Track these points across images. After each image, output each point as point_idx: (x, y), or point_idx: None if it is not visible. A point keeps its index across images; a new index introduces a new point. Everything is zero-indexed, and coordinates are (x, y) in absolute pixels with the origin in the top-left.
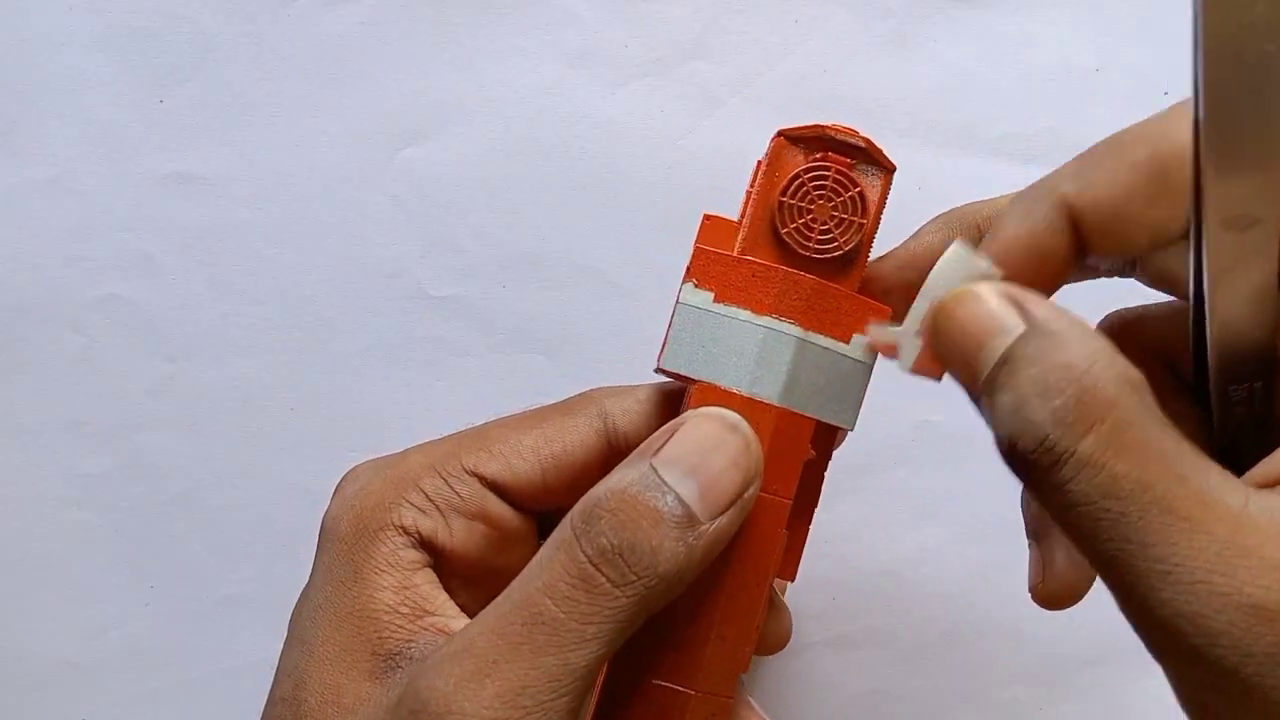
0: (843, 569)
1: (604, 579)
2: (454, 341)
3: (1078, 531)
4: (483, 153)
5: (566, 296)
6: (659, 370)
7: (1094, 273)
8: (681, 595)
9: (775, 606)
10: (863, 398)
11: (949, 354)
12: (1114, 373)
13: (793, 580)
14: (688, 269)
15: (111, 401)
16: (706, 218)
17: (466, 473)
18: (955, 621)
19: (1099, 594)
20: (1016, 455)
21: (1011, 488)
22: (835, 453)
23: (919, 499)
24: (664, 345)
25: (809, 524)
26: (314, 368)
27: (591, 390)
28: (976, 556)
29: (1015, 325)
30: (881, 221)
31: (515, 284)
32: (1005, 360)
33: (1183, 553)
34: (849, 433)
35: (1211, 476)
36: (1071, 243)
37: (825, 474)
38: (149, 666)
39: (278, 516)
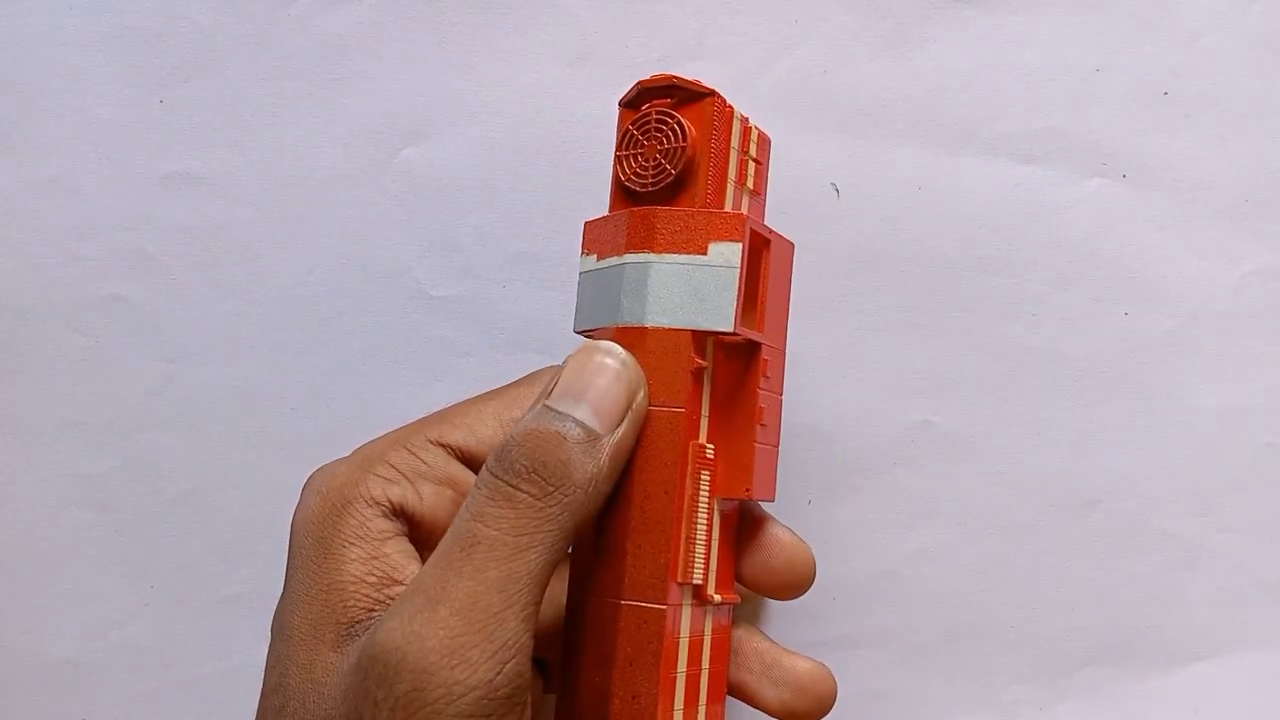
0: (843, 569)
1: (525, 494)
2: (454, 341)
3: None
4: (483, 153)
5: (566, 296)
6: (575, 332)
7: None
8: (602, 513)
9: (778, 539)
10: (733, 299)
11: None
12: None
13: (750, 495)
14: (581, 243)
15: (111, 401)
16: None
17: (431, 443)
18: (955, 621)
19: (1097, 594)
20: None
21: (1009, 488)
22: (835, 450)
23: (919, 499)
24: (575, 311)
25: (752, 438)
26: (314, 368)
27: (546, 367)
28: (976, 556)
29: None
30: (750, 143)
31: (515, 284)
32: None
33: None
34: (777, 350)
35: None
36: None
37: (760, 389)
38: (149, 666)
39: (278, 516)
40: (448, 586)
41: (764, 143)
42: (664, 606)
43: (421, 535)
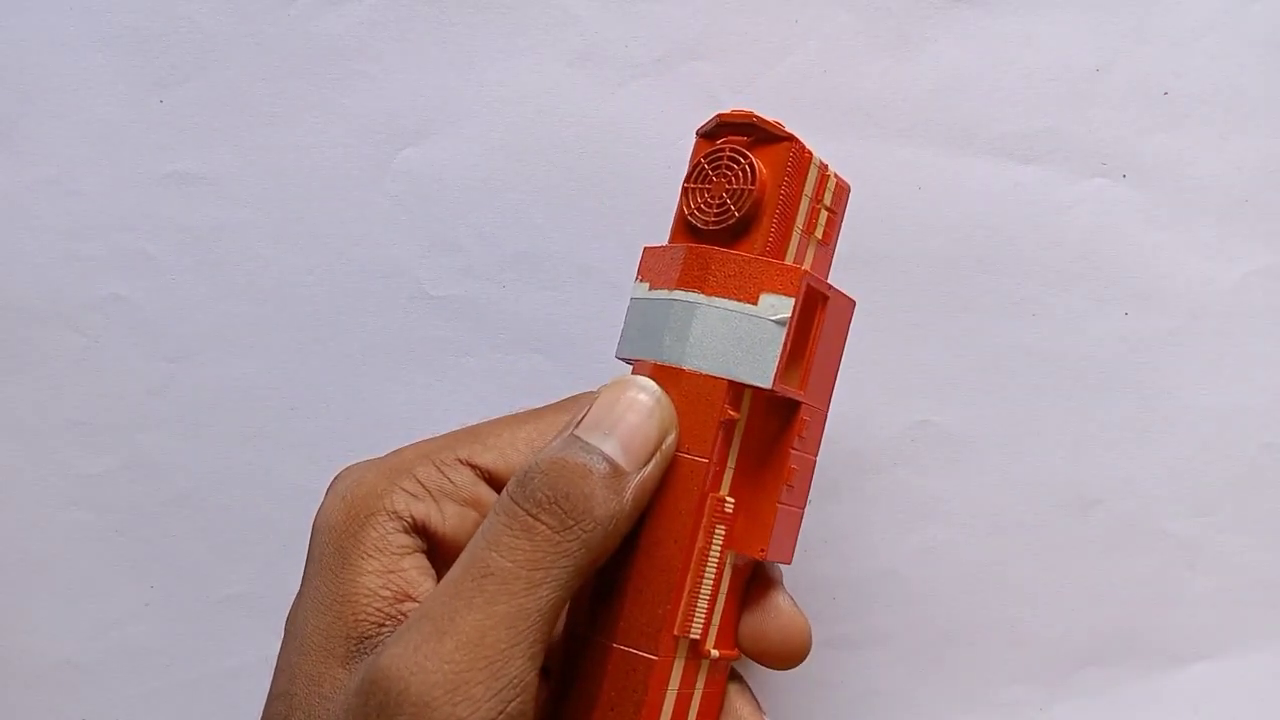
0: (843, 569)
1: (544, 527)
2: (454, 341)
3: None
4: (483, 153)
5: (566, 296)
6: (617, 357)
7: None
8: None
9: (779, 606)
10: (775, 355)
11: None
12: None
13: (764, 555)
14: (637, 268)
15: (112, 401)
16: None
17: (460, 463)
18: (955, 621)
19: (1097, 594)
20: None
21: (1009, 488)
22: (835, 450)
23: (919, 499)
24: (620, 336)
25: (775, 498)
26: (314, 368)
27: (584, 392)
28: (976, 556)
29: None
30: (825, 192)
31: (515, 284)
32: None
33: None
34: (817, 410)
35: None
36: None
37: (793, 448)
38: (149, 666)
39: (278, 516)
40: (456, 618)
41: (841, 192)
42: (654, 657)
43: (440, 554)
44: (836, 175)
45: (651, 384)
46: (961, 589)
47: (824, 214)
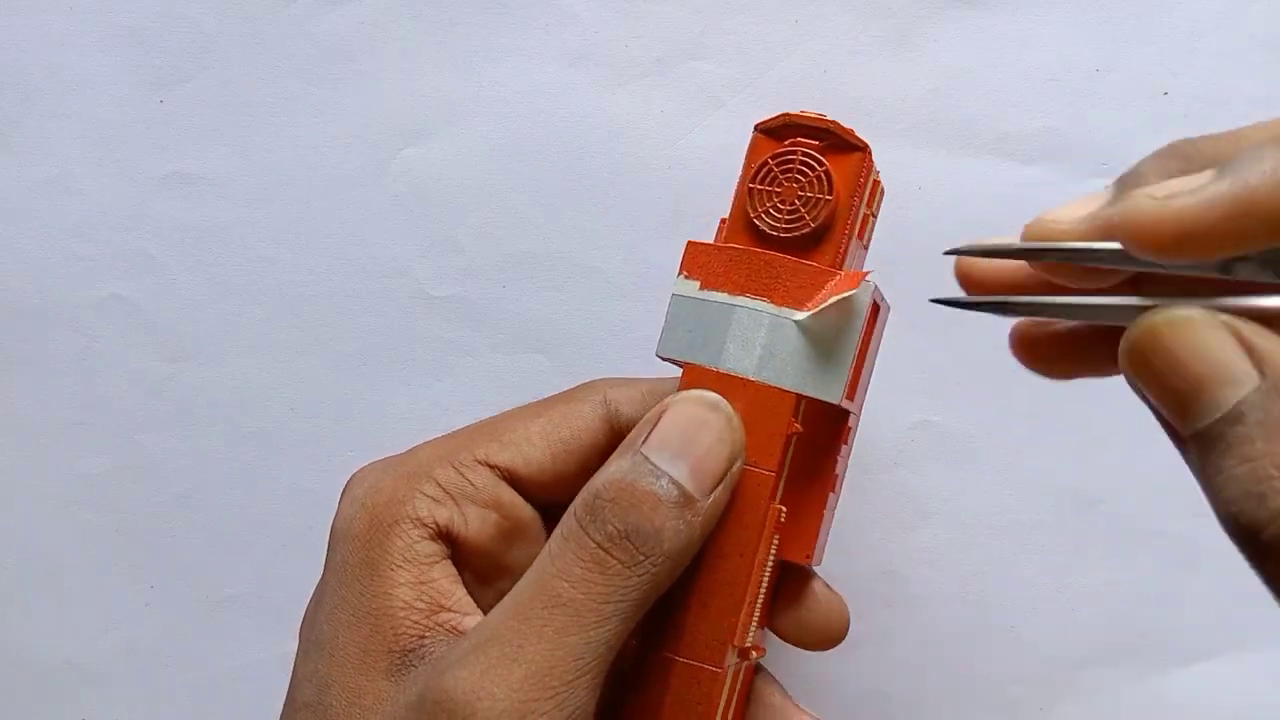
0: (843, 569)
1: (615, 561)
2: (454, 341)
3: None
4: (483, 153)
5: (566, 296)
6: (658, 356)
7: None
8: None
9: (816, 595)
10: (847, 369)
11: (1155, 382)
12: None
13: (809, 561)
14: (681, 262)
15: (111, 401)
16: (722, 221)
17: (478, 463)
18: (955, 621)
19: (1097, 594)
20: (1247, 536)
21: (1009, 488)
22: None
23: (919, 499)
24: (661, 333)
25: (822, 506)
26: (314, 368)
27: (593, 380)
28: (976, 556)
29: (1247, 375)
30: (875, 199)
31: (515, 284)
32: (1237, 420)
33: None
34: (856, 416)
35: None
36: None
37: (840, 456)
38: (149, 666)
39: (278, 516)
40: (525, 646)
41: (882, 196)
42: (718, 670)
43: (463, 557)
44: (878, 179)
45: (722, 402)
46: (961, 589)
47: (871, 220)
